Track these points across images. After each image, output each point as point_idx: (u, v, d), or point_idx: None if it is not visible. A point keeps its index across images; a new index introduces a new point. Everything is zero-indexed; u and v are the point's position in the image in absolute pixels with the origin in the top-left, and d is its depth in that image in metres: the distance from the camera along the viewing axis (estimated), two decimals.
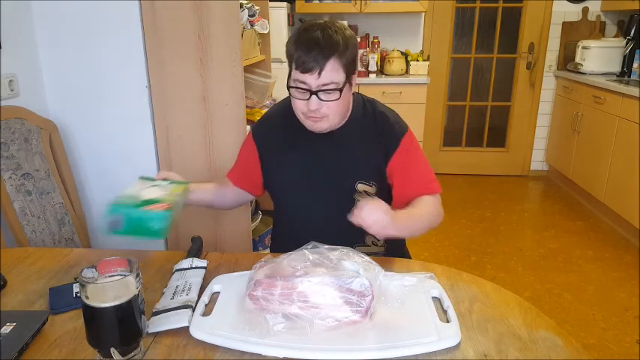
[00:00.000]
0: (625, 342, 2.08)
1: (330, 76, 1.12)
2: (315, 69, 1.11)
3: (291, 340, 0.81)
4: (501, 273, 2.67)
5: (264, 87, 2.33)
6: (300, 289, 0.87)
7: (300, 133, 1.24)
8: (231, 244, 2.03)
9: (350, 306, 0.86)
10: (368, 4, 3.68)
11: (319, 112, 1.15)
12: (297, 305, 0.86)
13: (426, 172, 1.27)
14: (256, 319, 0.85)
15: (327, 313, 0.85)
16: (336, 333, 0.84)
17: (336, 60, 1.12)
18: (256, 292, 0.88)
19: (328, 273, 0.90)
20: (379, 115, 1.27)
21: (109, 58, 1.86)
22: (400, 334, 0.84)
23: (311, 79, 1.12)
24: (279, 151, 1.30)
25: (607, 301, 2.38)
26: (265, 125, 1.37)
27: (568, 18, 3.94)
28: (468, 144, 4.36)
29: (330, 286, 0.87)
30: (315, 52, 1.10)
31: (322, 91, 1.13)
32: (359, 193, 1.26)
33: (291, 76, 1.17)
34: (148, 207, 1.01)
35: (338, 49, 1.11)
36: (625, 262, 2.78)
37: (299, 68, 1.13)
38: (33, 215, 1.69)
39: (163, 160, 1.96)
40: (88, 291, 0.72)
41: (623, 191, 3.03)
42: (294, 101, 1.18)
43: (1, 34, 1.68)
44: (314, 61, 1.10)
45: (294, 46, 1.13)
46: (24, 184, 1.69)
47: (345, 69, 1.14)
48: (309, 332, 0.83)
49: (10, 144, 1.67)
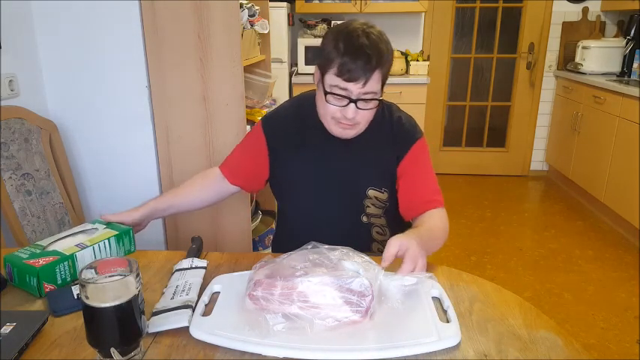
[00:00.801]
0: (625, 342, 2.08)
1: (372, 85, 1.09)
2: (361, 79, 1.07)
3: (291, 340, 0.81)
4: (501, 273, 2.67)
5: (264, 87, 2.33)
6: (300, 289, 0.87)
7: (313, 134, 1.22)
8: (231, 244, 2.03)
9: (350, 306, 0.86)
10: (368, 4, 3.68)
11: (353, 119, 1.12)
12: (297, 305, 0.86)
13: (432, 183, 1.25)
14: (256, 319, 0.85)
15: (327, 313, 0.85)
16: (336, 333, 0.84)
17: (380, 70, 1.09)
18: (256, 292, 0.88)
19: (328, 273, 0.90)
20: (396, 120, 1.25)
21: (109, 58, 1.86)
22: (400, 334, 0.84)
23: (354, 88, 1.08)
24: (290, 149, 1.26)
25: (607, 301, 2.38)
26: (276, 120, 1.31)
27: (568, 18, 3.94)
28: (468, 144, 4.36)
29: (330, 286, 0.87)
30: (363, 61, 1.06)
31: (362, 100, 1.10)
32: (369, 199, 1.25)
33: (325, 80, 1.12)
34: (36, 260, 0.98)
35: (385, 60, 1.09)
36: (625, 262, 2.78)
37: (342, 76, 1.08)
38: (33, 215, 1.69)
39: (163, 160, 1.96)
40: (88, 291, 0.72)
41: (623, 191, 3.03)
42: (327, 106, 1.13)
43: (1, 34, 1.68)
44: (362, 70, 1.06)
45: (337, 52, 1.08)
46: (24, 184, 1.69)
47: (383, 79, 1.12)
48: (309, 332, 0.83)
49: (10, 144, 1.67)
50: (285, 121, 1.29)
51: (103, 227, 1.14)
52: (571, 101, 3.75)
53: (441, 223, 1.19)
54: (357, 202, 1.26)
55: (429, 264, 1.12)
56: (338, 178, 1.24)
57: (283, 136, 1.27)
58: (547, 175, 4.29)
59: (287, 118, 1.29)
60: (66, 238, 1.09)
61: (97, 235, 1.10)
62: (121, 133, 1.94)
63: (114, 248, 1.10)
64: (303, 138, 1.25)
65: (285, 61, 3.49)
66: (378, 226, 1.31)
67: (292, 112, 1.29)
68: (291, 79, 3.62)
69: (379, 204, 1.27)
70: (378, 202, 1.26)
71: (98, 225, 1.15)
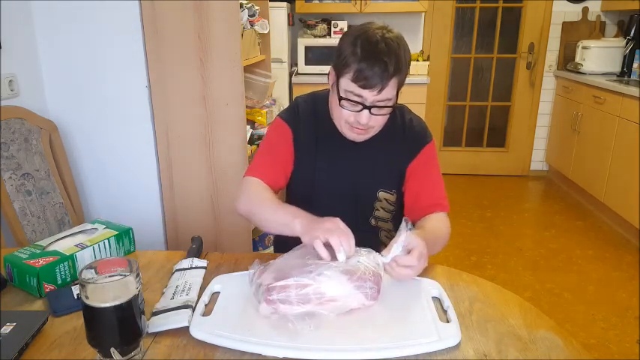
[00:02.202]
0: (625, 342, 2.08)
1: (388, 92, 1.07)
2: (377, 86, 1.05)
3: (291, 340, 0.81)
4: (501, 273, 2.67)
5: (264, 87, 2.33)
6: (315, 285, 0.87)
7: (327, 134, 1.22)
8: (231, 244, 2.03)
9: (362, 291, 0.89)
10: (368, 4, 3.68)
11: (367, 124, 1.11)
12: (314, 302, 0.86)
13: (440, 187, 1.24)
14: (283, 324, 0.85)
15: (344, 303, 0.88)
16: (337, 333, 0.84)
17: (397, 78, 1.07)
18: (272, 297, 0.87)
19: (335, 265, 0.91)
20: (408, 123, 1.25)
21: (109, 58, 1.86)
22: (400, 334, 0.84)
23: (369, 95, 1.07)
24: (307, 147, 1.24)
25: (607, 301, 2.38)
26: (297, 116, 1.25)
27: (568, 18, 3.94)
28: (468, 144, 4.36)
29: (342, 277, 0.89)
30: (380, 68, 1.03)
31: (376, 106, 1.09)
32: (379, 201, 1.25)
33: (340, 84, 1.10)
34: (36, 260, 0.98)
35: (402, 68, 1.07)
36: (625, 262, 2.78)
37: (358, 82, 1.06)
38: (33, 215, 1.69)
39: (163, 160, 1.96)
40: (88, 291, 0.72)
41: (623, 191, 3.03)
42: (340, 110, 1.12)
43: (1, 34, 1.68)
44: (378, 77, 1.04)
45: (354, 57, 1.05)
46: (24, 184, 1.69)
47: (399, 85, 1.10)
48: (333, 326, 0.84)
49: (10, 144, 1.67)
50: (303, 118, 1.25)
51: (103, 227, 1.14)
52: (571, 101, 3.75)
53: (445, 229, 1.19)
54: (367, 204, 1.25)
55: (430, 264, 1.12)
56: (350, 180, 1.24)
57: (302, 132, 1.24)
58: (547, 175, 4.28)
59: (305, 116, 1.26)
60: (66, 238, 1.09)
61: (96, 235, 1.10)
62: (121, 133, 1.94)
63: (114, 248, 1.10)
64: (317, 137, 1.24)
65: (285, 61, 3.49)
66: (385, 231, 1.31)
67: (309, 111, 1.26)
68: (291, 79, 3.62)
69: (388, 207, 1.27)
70: (387, 206, 1.26)
71: (98, 225, 1.15)
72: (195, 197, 2.00)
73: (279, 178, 1.22)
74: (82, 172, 2.00)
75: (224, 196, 1.99)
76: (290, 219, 1.02)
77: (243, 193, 1.17)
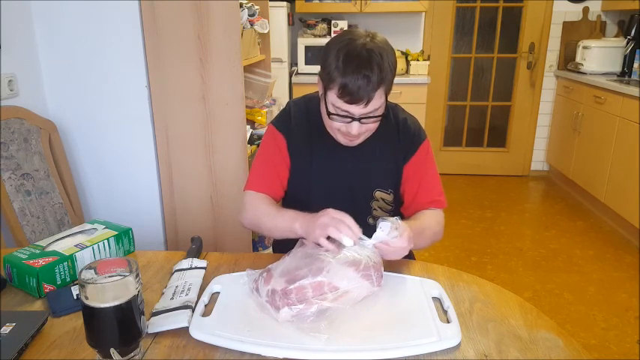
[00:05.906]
0: (626, 342, 2.08)
1: (376, 103, 1.07)
2: (362, 100, 1.05)
3: (290, 340, 0.81)
4: (502, 273, 2.66)
5: (264, 87, 2.33)
6: (327, 280, 0.89)
7: (321, 136, 1.22)
8: (231, 244, 2.03)
9: (369, 280, 0.93)
10: (368, 4, 3.67)
11: (358, 133, 1.12)
12: (330, 298, 0.88)
13: (437, 184, 1.26)
14: (283, 325, 0.85)
15: (357, 293, 0.91)
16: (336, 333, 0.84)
17: (383, 88, 1.07)
18: (291, 299, 0.87)
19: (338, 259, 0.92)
20: (402, 122, 1.25)
21: (108, 58, 1.86)
22: (400, 334, 0.84)
23: (356, 109, 1.07)
24: (302, 151, 1.25)
25: (608, 302, 2.38)
26: (288, 122, 1.26)
27: (568, 18, 3.94)
28: (469, 144, 4.36)
29: (349, 270, 0.91)
30: (364, 82, 1.03)
31: (365, 117, 1.09)
32: (375, 201, 1.25)
33: (328, 99, 1.10)
34: (36, 260, 0.97)
35: (386, 76, 1.06)
36: (626, 262, 2.78)
37: (343, 98, 1.06)
38: (32, 215, 1.69)
39: (163, 160, 1.96)
40: (88, 291, 0.72)
41: (623, 191, 3.02)
42: (331, 122, 1.13)
43: (1, 34, 1.68)
44: (363, 91, 1.04)
45: (337, 71, 1.04)
46: (23, 184, 1.69)
47: (387, 91, 1.10)
48: (334, 326, 0.85)
49: (10, 144, 1.67)
50: (295, 122, 1.26)
51: (103, 227, 1.14)
52: (571, 101, 3.74)
53: (435, 223, 1.20)
54: (364, 203, 1.25)
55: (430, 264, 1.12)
56: (346, 181, 1.24)
57: (296, 137, 1.25)
58: (547, 175, 4.28)
59: (297, 120, 1.26)
60: (65, 239, 1.09)
61: (96, 235, 1.10)
62: (120, 133, 1.94)
63: (113, 248, 1.10)
64: (312, 139, 1.24)
65: (285, 60, 3.49)
66: None
67: (301, 114, 1.26)
68: (291, 78, 3.62)
69: (386, 207, 1.27)
70: (384, 205, 1.27)
71: (97, 225, 1.15)
72: (194, 197, 2.00)
73: (277, 188, 1.26)
74: (81, 172, 2.00)
75: (224, 196, 1.99)
76: (290, 224, 1.07)
77: (245, 207, 1.23)
